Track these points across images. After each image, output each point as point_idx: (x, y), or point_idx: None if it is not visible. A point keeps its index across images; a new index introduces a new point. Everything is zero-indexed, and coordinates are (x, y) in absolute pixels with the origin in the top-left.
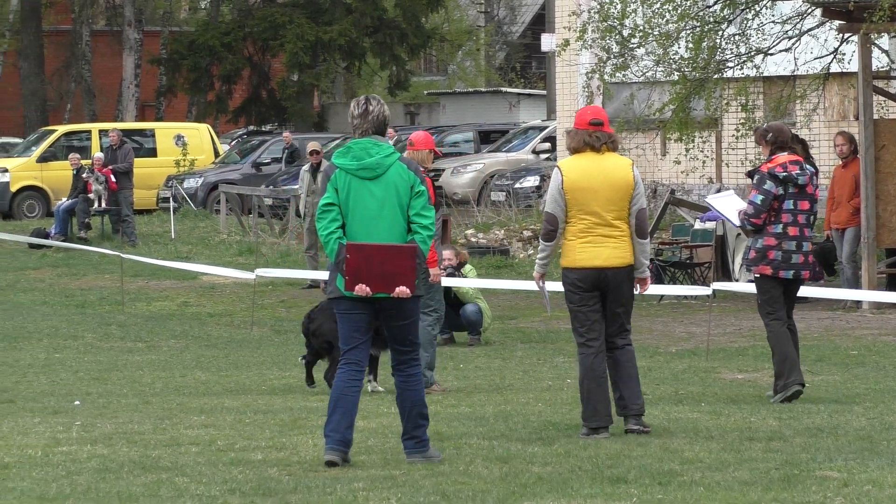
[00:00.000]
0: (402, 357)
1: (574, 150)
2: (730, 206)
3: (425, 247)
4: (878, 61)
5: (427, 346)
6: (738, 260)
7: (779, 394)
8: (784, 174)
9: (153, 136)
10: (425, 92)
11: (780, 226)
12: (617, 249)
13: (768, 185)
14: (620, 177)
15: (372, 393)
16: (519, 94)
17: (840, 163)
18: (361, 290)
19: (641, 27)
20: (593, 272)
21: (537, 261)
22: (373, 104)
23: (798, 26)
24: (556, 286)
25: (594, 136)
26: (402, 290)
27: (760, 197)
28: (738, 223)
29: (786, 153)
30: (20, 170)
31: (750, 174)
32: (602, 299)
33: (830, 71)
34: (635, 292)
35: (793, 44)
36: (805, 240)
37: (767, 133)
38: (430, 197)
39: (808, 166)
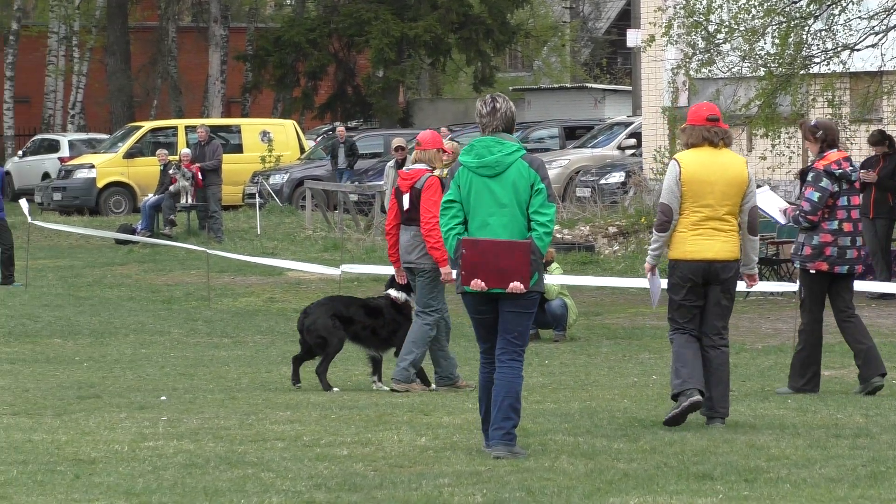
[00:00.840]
0: (509, 347)
1: (691, 146)
2: (769, 202)
3: (542, 244)
4: None
5: (420, 343)
6: None
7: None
8: (839, 171)
9: (239, 132)
10: (510, 88)
11: (836, 222)
12: (727, 243)
13: (825, 182)
14: (736, 173)
15: (377, 391)
16: (604, 90)
17: None
18: (477, 284)
19: (727, 23)
20: (703, 265)
21: (649, 252)
22: (500, 102)
23: (885, 22)
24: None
25: (712, 132)
26: (515, 286)
27: (817, 194)
28: (781, 220)
29: (835, 150)
30: (107, 166)
31: (803, 172)
32: (707, 293)
33: None
34: (745, 288)
35: (879, 39)
36: (858, 235)
37: (817, 130)
38: (440, 196)
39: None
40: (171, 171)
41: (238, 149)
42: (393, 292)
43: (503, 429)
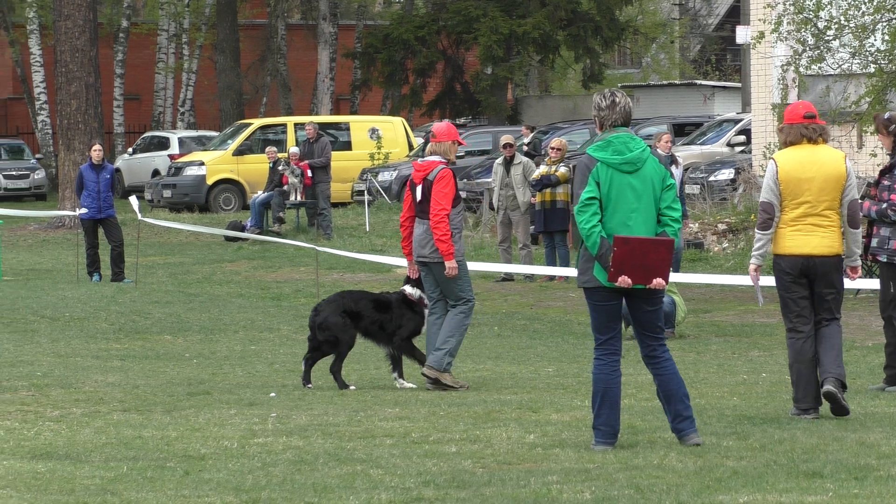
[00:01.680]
0: (652, 343)
1: (790, 144)
2: None
3: (676, 239)
4: None
5: (456, 333)
6: None
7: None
8: None
9: (348, 129)
10: (619, 85)
11: None
12: (825, 238)
13: None
14: (833, 168)
15: (400, 389)
16: (713, 86)
17: None
18: (623, 281)
19: (837, 19)
20: (801, 259)
21: (753, 252)
22: (619, 96)
23: None
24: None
25: (810, 129)
26: (658, 283)
27: None
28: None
29: None
30: (216, 163)
31: (888, 169)
32: (810, 287)
33: None
34: (847, 281)
35: None
36: None
37: (890, 124)
38: (453, 189)
39: None
40: (280, 169)
41: (347, 146)
42: (408, 288)
43: (688, 417)
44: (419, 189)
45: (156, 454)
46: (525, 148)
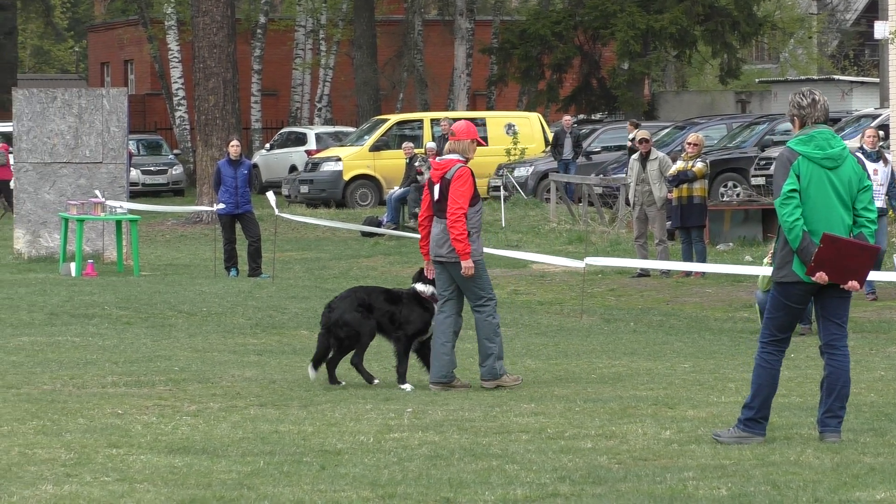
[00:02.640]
0: (836, 333)
1: None
2: None
3: (872, 240)
4: None
5: (493, 336)
6: None
7: None
8: None
9: (484, 124)
10: (756, 80)
11: None
12: None
13: None
14: None
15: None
16: (851, 81)
17: None
18: (821, 277)
19: None
20: None
21: None
22: (817, 95)
23: None
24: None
25: None
26: (853, 285)
27: None
28: None
29: None
30: (353, 159)
31: None
32: None
33: None
34: None
35: None
36: None
37: None
38: (470, 188)
39: None
40: (416, 164)
41: (483, 141)
42: (419, 286)
43: (839, 417)
44: (437, 188)
45: (292, 449)
46: (630, 144)
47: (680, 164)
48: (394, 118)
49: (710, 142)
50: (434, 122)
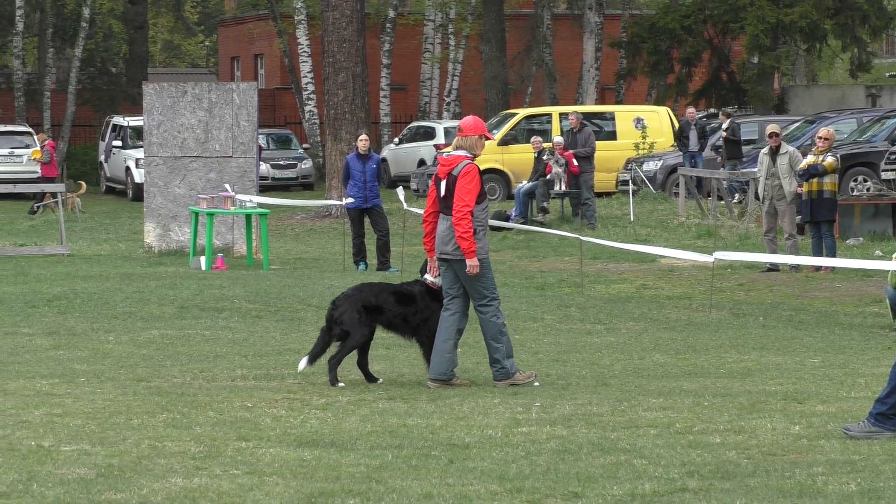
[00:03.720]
0: None
1: None
2: None
3: None
4: None
5: (498, 336)
6: None
7: None
8: None
9: (613, 119)
10: (887, 74)
11: None
12: None
13: None
14: None
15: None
16: None
17: None
18: None
19: None
20: None
21: None
22: None
23: None
24: None
25: None
26: None
27: None
28: None
29: None
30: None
31: None
32: None
33: None
34: None
35: None
36: None
37: None
38: (477, 185)
39: None
40: (545, 158)
41: (612, 136)
42: (429, 277)
43: None
44: (443, 184)
45: (420, 442)
46: (724, 134)
47: (810, 159)
48: (522, 112)
49: (841, 136)
50: (563, 116)
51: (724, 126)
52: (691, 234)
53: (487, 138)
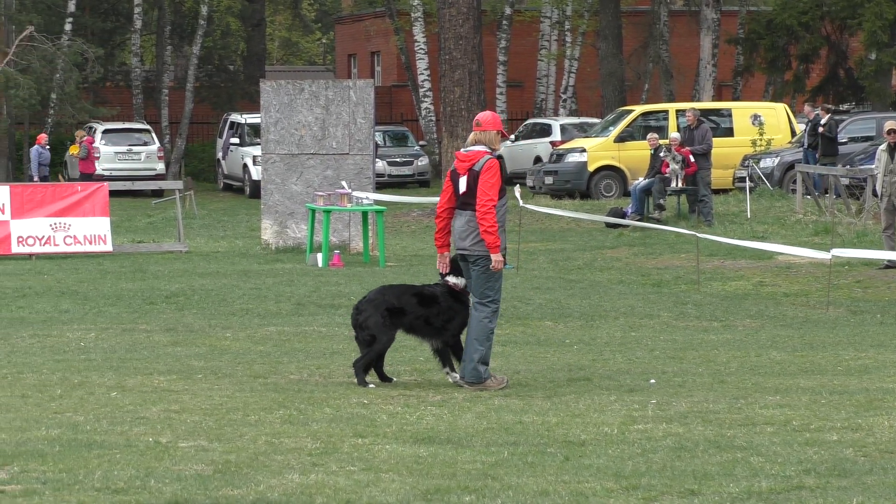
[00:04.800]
0: None
1: None
2: None
3: None
4: None
5: (483, 340)
6: None
7: None
8: None
9: (730, 115)
10: None
11: None
12: None
13: None
14: None
15: (454, 384)
16: None
17: None
18: None
19: None
20: None
21: None
22: None
23: None
24: None
25: None
26: None
27: None
28: None
29: None
30: (598, 150)
31: None
32: None
33: None
34: None
35: None
36: None
37: None
38: (499, 180)
39: None
40: (661, 155)
41: (729, 132)
42: (451, 279)
43: None
44: (463, 180)
45: (536, 439)
46: (821, 129)
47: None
48: (639, 109)
49: None
50: (679, 112)
51: (823, 122)
52: (808, 230)
53: (504, 135)
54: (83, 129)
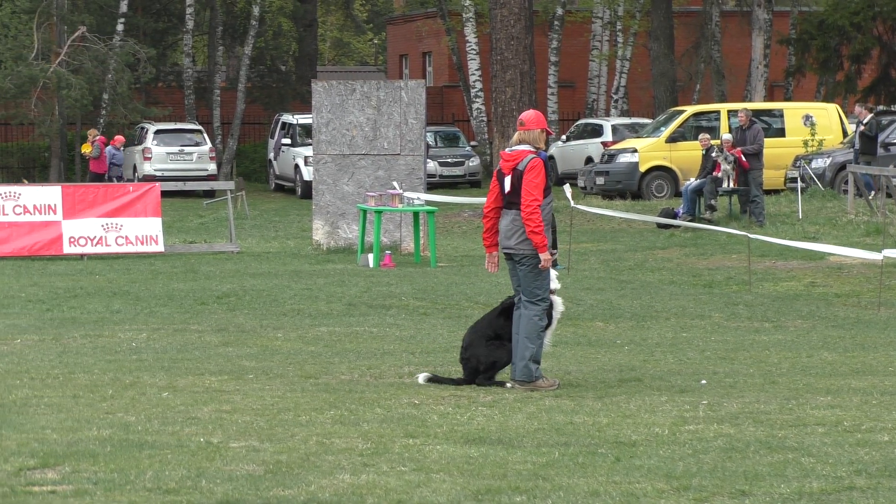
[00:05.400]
0: None
1: None
2: None
3: None
4: None
5: (534, 337)
6: None
7: None
8: None
9: (781, 116)
10: None
11: None
12: None
13: None
14: None
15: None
16: None
17: None
18: None
19: None
20: None
21: None
22: None
23: None
24: None
25: None
26: None
27: None
28: None
29: None
30: (649, 150)
31: None
32: None
33: None
34: None
35: None
36: None
37: None
38: (543, 179)
39: None
40: (713, 155)
41: (780, 133)
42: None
43: None
44: (507, 179)
45: (587, 440)
46: (862, 128)
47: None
48: (690, 109)
49: None
50: (731, 113)
51: (865, 121)
52: (860, 231)
53: (548, 133)
54: (95, 129)
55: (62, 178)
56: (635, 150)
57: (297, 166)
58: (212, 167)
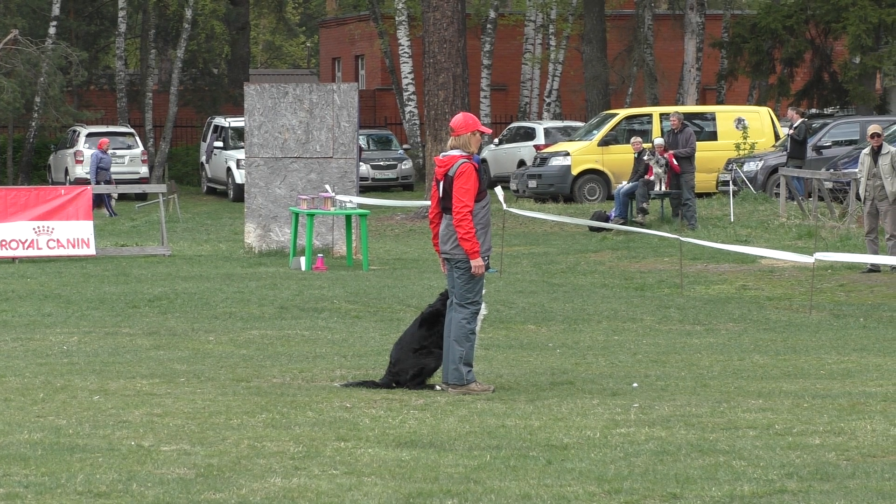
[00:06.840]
0: None
1: None
2: None
3: None
4: None
5: (462, 340)
6: None
7: None
8: None
9: (714, 119)
10: None
11: None
12: None
13: None
14: None
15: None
16: None
17: None
18: None
19: None
20: None
21: None
22: None
23: None
24: None
25: None
26: None
27: None
28: None
29: None
30: (581, 153)
31: None
32: None
33: None
34: None
35: None
36: None
37: None
38: (475, 184)
39: None
40: (645, 159)
41: (712, 136)
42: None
43: None
44: (441, 185)
45: (519, 443)
46: (790, 132)
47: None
48: (623, 113)
49: None
50: (663, 116)
51: (795, 125)
52: (792, 234)
53: (483, 132)
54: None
55: None
56: (568, 154)
57: (229, 169)
58: (144, 170)
